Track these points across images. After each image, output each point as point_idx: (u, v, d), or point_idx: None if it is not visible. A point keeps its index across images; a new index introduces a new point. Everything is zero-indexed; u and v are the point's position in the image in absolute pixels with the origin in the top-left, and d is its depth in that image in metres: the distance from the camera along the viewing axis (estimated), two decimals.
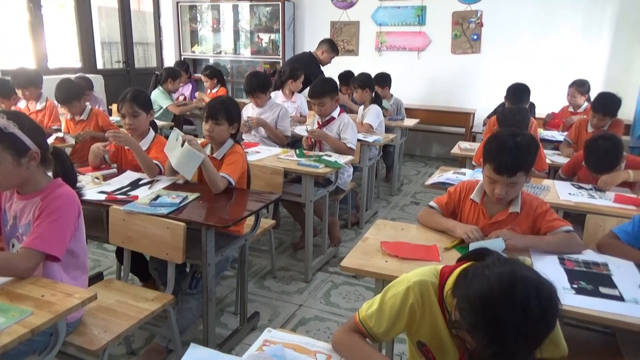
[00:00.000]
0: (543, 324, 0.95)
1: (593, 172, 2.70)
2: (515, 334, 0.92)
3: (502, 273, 0.97)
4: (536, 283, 0.96)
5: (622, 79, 5.49)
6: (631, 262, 1.70)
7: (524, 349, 0.94)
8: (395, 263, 1.70)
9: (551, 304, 0.96)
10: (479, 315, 0.96)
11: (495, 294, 0.94)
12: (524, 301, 0.92)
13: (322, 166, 3.01)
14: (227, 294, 2.96)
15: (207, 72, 5.67)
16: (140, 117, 2.63)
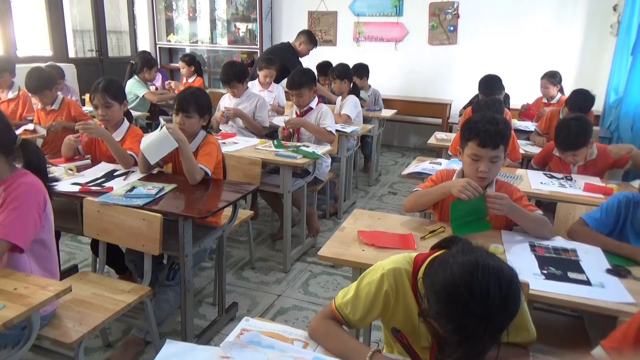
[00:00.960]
0: (505, 310, 0.97)
1: (561, 150, 2.77)
2: (478, 321, 0.95)
3: (464, 262, 1.00)
4: (497, 271, 0.98)
5: (593, 70, 5.62)
6: (598, 248, 1.76)
7: (487, 335, 0.97)
8: (372, 252, 1.73)
9: (512, 291, 0.98)
10: (443, 303, 0.99)
11: (457, 282, 0.97)
12: (484, 289, 0.95)
13: (300, 157, 3.01)
14: (205, 285, 2.95)
15: (186, 59, 5.56)
16: (113, 107, 2.58)
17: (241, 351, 0.98)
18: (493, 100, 3.25)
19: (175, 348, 0.99)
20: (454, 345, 0.98)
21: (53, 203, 1.76)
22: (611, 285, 1.53)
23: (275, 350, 1.01)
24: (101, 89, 2.54)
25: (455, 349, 0.99)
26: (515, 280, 1.00)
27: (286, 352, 1.00)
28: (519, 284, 1.01)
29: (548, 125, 3.82)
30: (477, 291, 0.95)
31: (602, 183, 2.64)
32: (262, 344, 1.02)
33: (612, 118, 4.81)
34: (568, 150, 2.72)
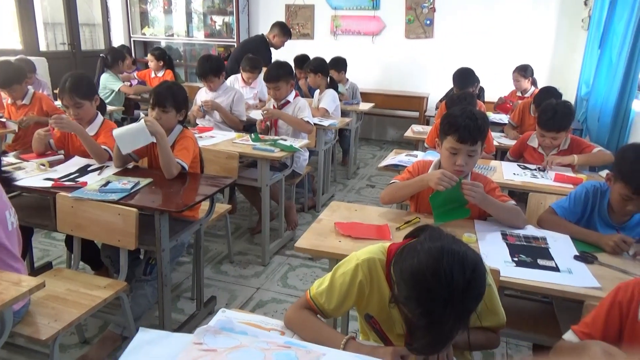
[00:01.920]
0: (469, 294, 1.00)
1: (544, 131, 2.80)
2: (443, 305, 0.98)
3: (430, 248, 1.03)
4: (461, 256, 1.01)
5: (565, 63, 5.76)
6: (567, 236, 1.82)
7: (453, 318, 0.99)
8: (348, 243, 1.75)
9: (476, 275, 1.01)
10: (411, 288, 1.03)
11: (423, 268, 1.00)
12: (448, 274, 0.98)
13: (278, 150, 3.01)
14: (184, 279, 2.94)
15: (156, 53, 5.40)
16: (84, 106, 2.52)
17: (214, 337, 0.98)
18: (465, 94, 3.30)
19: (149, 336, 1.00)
20: (422, 329, 1.01)
21: (25, 199, 1.72)
22: (578, 271, 1.58)
23: (249, 335, 1.02)
24: (68, 90, 2.47)
25: (424, 333, 1.01)
26: (480, 266, 1.03)
27: (259, 337, 1.01)
28: (483, 269, 1.04)
29: (521, 117, 3.90)
30: (442, 276, 0.98)
31: (573, 174, 2.72)
32: (235, 330, 1.03)
33: (582, 110, 4.94)
34: (551, 131, 2.77)
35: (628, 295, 1.16)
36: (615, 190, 1.77)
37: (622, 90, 4.15)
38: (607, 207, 1.86)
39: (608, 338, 1.17)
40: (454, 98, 3.26)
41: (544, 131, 2.80)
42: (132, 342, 0.99)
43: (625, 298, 1.16)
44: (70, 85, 2.47)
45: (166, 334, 1.01)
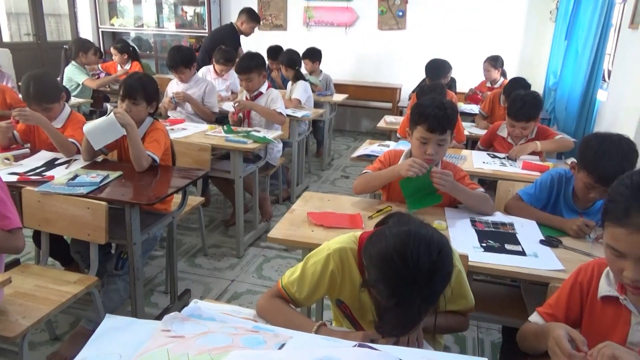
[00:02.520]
0: (435, 275, 1.03)
1: (513, 120, 2.87)
2: (410, 286, 1.00)
3: (398, 232, 1.06)
4: (427, 239, 1.04)
5: (534, 54, 5.88)
6: (533, 221, 1.87)
7: (420, 299, 1.02)
8: (321, 232, 1.76)
9: (441, 257, 1.04)
10: (380, 271, 1.05)
11: (390, 250, 1.03)
12: (414, 255, 1.00)
13: (251, 142, 3.00)
14: (157, 273, 2.91)
15: (119, 46, 5.23)
16: (54, 108, 2.48)
17: (182, 324, 0.98)
18: (435, 85, 3.35)
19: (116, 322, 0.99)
20: (390, 311, 1.03)
21: None
22: (544, 255, 1.63)
23: (217, 322, 1.02)
24: (35, 98, 2.42)
25: (392, 315, 1.04)
26: (446, 248, 1.06)
27: (227, 322, 1.02)
28: (450, 252, 1.07)
29: (491, 107, 3.98)
30: (408, 258, 1.00)
31: (540, 162, 2.79)
32: (203, 316, 1.03)
33: (550, 100, 5.06)
34: (520, 121, 2.84)
35: (588, 276, 1.20)
36: (579, 178, 1.83)
37: (587, 81, 4.27)
38: (572, 194, 1.92)
39: (570, 317, 1.21)
40: (425, 89, 3.31)
41: (513, 121, 2.87)
42: (99, 329, 0.98)
43: (585, 278, 1.21)
44: (35, 92, 2.42)
45: (132, 320, 1.01)
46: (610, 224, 1.04)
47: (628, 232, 0.99)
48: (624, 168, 1.68)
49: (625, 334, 1.11)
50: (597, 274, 1.19)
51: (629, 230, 0.99)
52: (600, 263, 1.20)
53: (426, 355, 1.02)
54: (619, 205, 1.02)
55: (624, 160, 1.70)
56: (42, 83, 2.47)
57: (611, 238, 1.04)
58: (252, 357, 0.80)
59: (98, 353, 0.93)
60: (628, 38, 3.29)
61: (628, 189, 1.02)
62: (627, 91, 2.97)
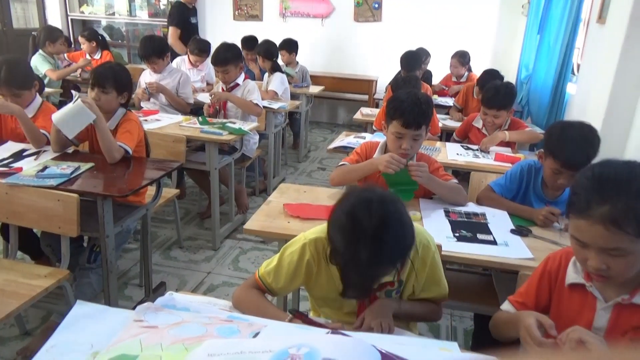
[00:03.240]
0: (381, 234, 1.06)
1: (487, 108, 2.95)
2: (355, 242, 1.06)
3: (350, 197, 1.14)
4: (376, 200, 1.09)
5: (506, 48, 5.97)
6: (504, 211, 1.92)
7: (367, 255, 1.06)
8: (297, 224, 1.76)
9: (389, 217, 1.08)
10: (333, 233, 1.13)
11: (339, 212, 1.12)
12: (359, 213, 1.07)
13: (226, 133, 2.97)
14: (131, 266, 2.87)
15: (86, 34, 5.07)
16: (24, 96, 2.40)
17: (155, 314, 0.98)
18: (409, 77, 3.38)
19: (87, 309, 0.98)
20: (343, 272, 1.12)
21: None
22: (514, 244, 1.68)
23: (191, 312, 1.02)
24: (5, 81, 2.34)
25: (344, 275, 1.12)
26: (397, 213, 1.10)
27: (201, 312, 1.02)
28: (403, 218, 1.12)
29: (464, 100, 4.04)
30: (354, 216, 1.08)
31: (512, 154, 2.86)
32: (176, 307, 1.03)
33: (523, 93, 5.15)
34: (492, 108, 2.91)
35: (556, 264, 1.24)
36: (546, 165, 1.88)
37: (558, 74, 4.36)
38: (541, 183, 1.97)
39: (540, 304, 1.25)
40: (399, 80, 3.33)
41: (486, 109, 2.93)
42: (69, 315, 0.97)
43: (553, 267, 1.24)
44: (7, 76, 2.33)
45: (104, 308, 1.00)
46: (573, 215, 1.06)
47: (589, 223, 1.02)
48: (588, 152, 1.76)
49: (591, 319, 1.14)
50: (565, 263, 1.22)
51: (590, 222, 1.01)
52: (568, 252, 1.23)
53: (398, 340, 1.04)
54: (581, 198, 1.04)
55: (587, 144, 1.77)
56: (14, 68, 2.39)
57: (575, 229, 1.07)
58: (226, 346, 0.80)
59: (68, 341, 0.91)
60: (596, 32, 3.37)
61: (589, 181, 1.04)
62: (595, 84, 3.05)
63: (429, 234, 1.37)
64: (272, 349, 0.77)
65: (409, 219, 1.14)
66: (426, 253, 1.32)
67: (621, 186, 1.00)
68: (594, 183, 1.03)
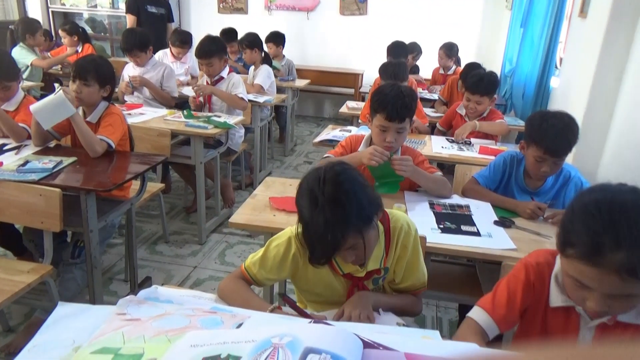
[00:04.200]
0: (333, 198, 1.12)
1: (470, 93, 3.00)
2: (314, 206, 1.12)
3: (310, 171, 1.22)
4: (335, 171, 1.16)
5: (490, 42, 6.01)
6: (488, 203, 1.94)
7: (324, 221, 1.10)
8: (282, 217, 1.77)
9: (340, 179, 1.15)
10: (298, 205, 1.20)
11: (302, 184, 1.20)
12: (313, 181, 1.16)
13: (212, 127, 2.96)
14: (116, 261, 2.85)
15: (67, 28, 4.98)
16: (12, 87, 2.37)
17: (138, 307, 0.97)
18: (398, 62, 3.40)
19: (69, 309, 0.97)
20: (307, 238, 1.17)
21: None
22: (497, 235, 1.70)
23: (174, 304, 1.02)
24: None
25: (308, 240, 1.17)
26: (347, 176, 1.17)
27: (185, 304, 1.02)
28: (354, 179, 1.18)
29: (449, 93, 4.06)
30: (310, 184, 1.16)
31: (495, 147, 2.89)
32: (159, 299, 1.02)
33: (507, 87, 5.20)
34: (475, 94, 2.96)
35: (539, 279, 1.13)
36: (529, 154, 1.90)
37: (542, 68, 4.41)
38: (523, 174, 2.00)
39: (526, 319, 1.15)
40: (387, 65, 3.36)
41: (469, 94, 2.99)
42: (51, 317, 0.96)
43: (537, 282, 1.13)
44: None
45: (87, 307, 0.99)
46: (576, 258, 0.92)
47: (600, 271, 0.88)
48: (569, 138, 1.80)
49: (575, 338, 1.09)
50: (548, 276, 1.13)
51: (601, 270, 0.88)
52: (548, 262, 1.13)
53: (380, 329, 1.05)
54: (587, 239, 0.89)
55: (568, 130, 1.81)
56: (2, 60, 2.36)
57: (576, 272, 0.93)
58: (208, 337, 0.81)
59: (50, 340, 0.91)
60: (578, 26, 3.41)
61: (596, 220, 0.89)
62: (577, 78, 3.09)
63: (410, 219, 1.38)
64: (255, 339, 0.77)
65: (366, 186, 1.19)
66: (407, 238, 1.33)
67: (638, 227, 0.85)
68: (604, 223, 0.88)
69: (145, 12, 5.01)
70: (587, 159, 2.73)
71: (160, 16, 5.19)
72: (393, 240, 1.33)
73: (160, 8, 5.18)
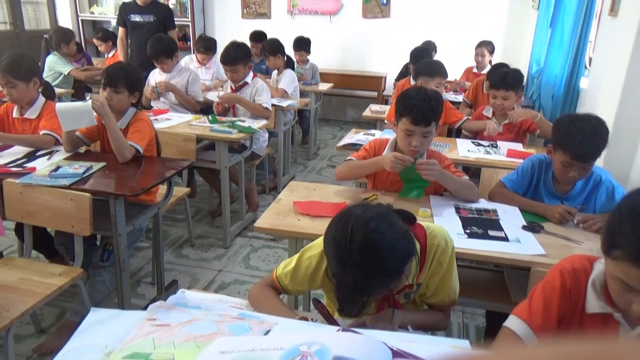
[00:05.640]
0: (361, 254, 1.04)
1: (494, 89, 2.95)
2: (341, 264, 1.06)
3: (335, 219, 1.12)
4: (358, 221, 1.06)
5: (517, 42, 5.92)
6: (516, 207, 1.90)
7: (353, 277, 1.05)
8: (307, 221, 1.77)
9: (368, 238, 1.04)
10: (326, 254, 1.15)
11: (328, 236, 1.12)
12: (340, 235, 1.07)
13: (236, 132, 2.98)
14: (144, 265, 2.90)
15: (99, 35, 5.18)
16: (18, 87, 2.39)
17: (167, 313, 0.99)
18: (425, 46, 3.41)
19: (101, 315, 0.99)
20: (335, 291, 1.11)
21: None
22: (526, 240, 1.66)
23: (202, 309, 1.03)
24: (2, 68, 2.36)
25: (336, 294, 1.11)
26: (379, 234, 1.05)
27: (213, 310, 1.03)
28: (384, 236, 1.06)
29: (474, 95, 4.01)
30: (336, 237, 1.08)
31: (524, 149, 2.82)
32: (188, 305, 1.04)
33: (534, 88, 5.10)
34: (501, 89, 2.91)
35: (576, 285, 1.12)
36: (556, 159, 1.86)
37: (571, 68, 4.31)
38: (552, 178, 1.95)
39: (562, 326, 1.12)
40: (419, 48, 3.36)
41: (495, 90, 2.94)
42: (84, 323, 0.98)
43: (574, 287, 1.12)
44: (6, 64, 2.37)
45: (118, 312, 1.01)
46: (623, 260, 0.92)
47: None
48: (597, 143, 1.75)
49: None
50: (585, 283, 1.11)
51: None
52: (586, 268, 1.12)
53: (408, 337, 1.04)
54: (635, 240, 0.89)
55: (596, 135, 1.75)
56: (16, 58, 2.42)
57: (623, 274, 0.93)
58: (237, 343, 0.81)
59: (83, 345, 0.93)
60: (608, 25, 3.32)
61: None
62: (607, 78, 3.01)
63: (449, 236, 1.33)
64: (283, 347, 0.77)
65: (397, 236, 1.09)
66: (443, 255, 1.29)
67: None
68: None
69: (129, 21, 4.57)
70: (619, 162, 2.65)
71: (148, 24, 4.58)
72: (429, 257, 1.29)
73: (147, 16, 4.59)
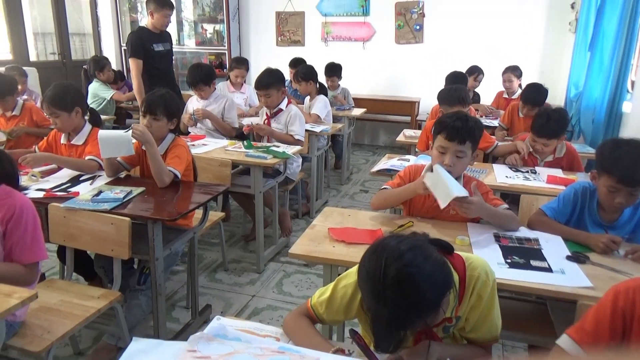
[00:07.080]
0: (395, 289, 1.00)
1: (536, 136, 2.82)
2: (375, 298, 1.03)
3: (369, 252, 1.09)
4: (392, 253, 1.03)
5: (554, 66, 5.82)
6: (559, 236, 1.83)
7: (388, 311, 1.01)
8: (342, 248, 1.75)
9: (402, 271, 1.00)
10: (360, 287, 1.11)
11: (362, 270, 1.08)
12: (374, 269, 1.03)
13: (270, 157, 3.01)
14: (178, 288, 2.93)
15: None
16: (61, 117, 2.49)
17: (208, 344, 0.98)
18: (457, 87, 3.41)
19: (142, 345, 0.99)
20: (370, 325, 1.07)
21: None
22: (571, 271, 1.59)
23: (242, 342, 1.02)
24: (46, 100, 2.48)
25: (372, 329, 1.07)
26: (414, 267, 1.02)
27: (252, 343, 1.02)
28: (419, 270, 1.02)
29: (510, 119, 3.94)
30: (369, 271, 1.04)
31: (564, 175, 2.74)
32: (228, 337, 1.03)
33: (573, 112, 4.98)
34: (542, 137, 2.79)
35: (629, 302, 1.11)
36: (601, 184, 1.79)
37: (613, 92, 4.20)
38: (597, 207, 1.88)
39: (613, 344, 1.11)
40: (445, 90, 3.36)
41: (535, 137, 2.83)
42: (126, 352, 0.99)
43: (627, 304, 1.11)
44: (50, 96, 2.47)
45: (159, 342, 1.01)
46: None
47: None
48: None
49: None
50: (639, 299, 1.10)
51: None
52: (638, 286, 1.11)
53: None
54: None
55: None
56: (59, 89, 2.51)
57: None
58: None
59: None
60: None
61: None
62: None
63: (490, 268, 1.29)
64: None
65: (434, 268, 1.05)
66: (484, 288, 1.25)
67: None
68: None
69: (152, 51, 4.24)
70: None
71: (167, 52, 4.45)
72: (468, 289, 1.24)
73: (166, 44, 4.43)
